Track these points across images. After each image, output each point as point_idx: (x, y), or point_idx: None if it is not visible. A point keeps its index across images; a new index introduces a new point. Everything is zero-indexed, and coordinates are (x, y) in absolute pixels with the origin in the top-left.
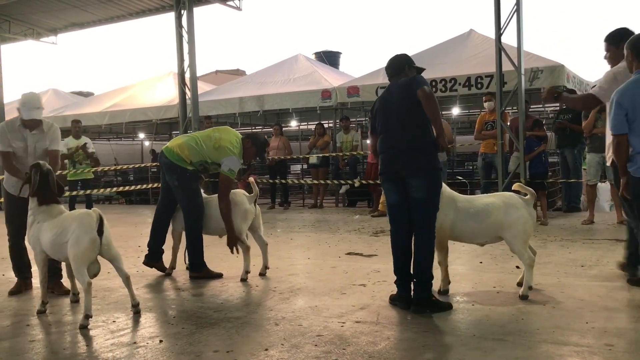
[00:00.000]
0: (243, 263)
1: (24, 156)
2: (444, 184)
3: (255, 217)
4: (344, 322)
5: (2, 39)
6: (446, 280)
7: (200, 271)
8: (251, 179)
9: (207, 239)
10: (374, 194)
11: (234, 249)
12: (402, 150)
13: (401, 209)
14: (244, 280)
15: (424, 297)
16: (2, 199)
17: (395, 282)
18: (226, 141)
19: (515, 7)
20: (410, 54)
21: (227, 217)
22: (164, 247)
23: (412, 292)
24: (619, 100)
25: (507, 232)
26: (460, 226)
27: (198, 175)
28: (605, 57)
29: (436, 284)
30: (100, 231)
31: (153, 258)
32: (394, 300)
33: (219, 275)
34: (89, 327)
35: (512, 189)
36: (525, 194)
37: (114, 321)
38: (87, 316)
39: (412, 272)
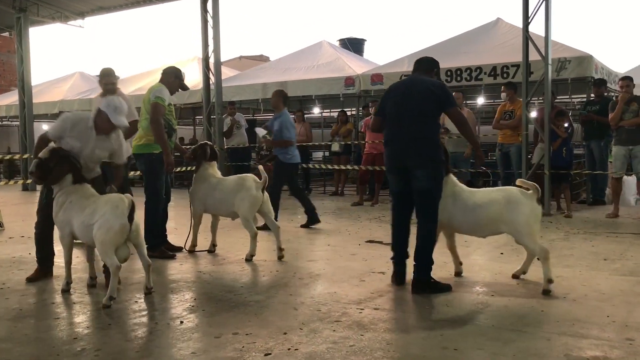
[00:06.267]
0: (249, 246)
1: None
2: (451, 176)
3: (264, 203)
4: (362, 309)
5: (30, 22)
6: (457, 261)
7: (154, 251)
8: (261, 166)
9: (228, 223)
10: (376, 185)
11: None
12: (410, 142)
13: (404, 198)
14: (248, 260)
15: (423, 278)
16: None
17: (392, 259)
18: (147, 92)
19: None
20: (436, 42)
21: (159, 137)
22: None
23: (405, 271)
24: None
25: (507, 227)
26: (458, 218)
27: (162, 159)
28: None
29: (441, 271)
30: (130, 217)
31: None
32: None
33: (172, 256)
34: (111, 306)
35: (516, 184)
36: (528, 189)
37: (135, 302)
38: (111, 298)
39: (414, 255)
